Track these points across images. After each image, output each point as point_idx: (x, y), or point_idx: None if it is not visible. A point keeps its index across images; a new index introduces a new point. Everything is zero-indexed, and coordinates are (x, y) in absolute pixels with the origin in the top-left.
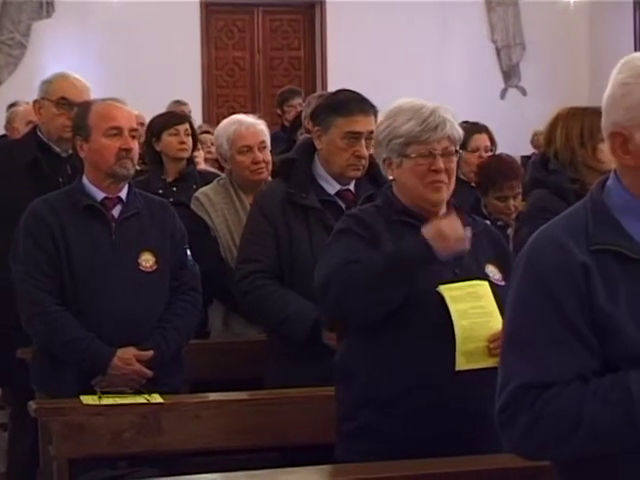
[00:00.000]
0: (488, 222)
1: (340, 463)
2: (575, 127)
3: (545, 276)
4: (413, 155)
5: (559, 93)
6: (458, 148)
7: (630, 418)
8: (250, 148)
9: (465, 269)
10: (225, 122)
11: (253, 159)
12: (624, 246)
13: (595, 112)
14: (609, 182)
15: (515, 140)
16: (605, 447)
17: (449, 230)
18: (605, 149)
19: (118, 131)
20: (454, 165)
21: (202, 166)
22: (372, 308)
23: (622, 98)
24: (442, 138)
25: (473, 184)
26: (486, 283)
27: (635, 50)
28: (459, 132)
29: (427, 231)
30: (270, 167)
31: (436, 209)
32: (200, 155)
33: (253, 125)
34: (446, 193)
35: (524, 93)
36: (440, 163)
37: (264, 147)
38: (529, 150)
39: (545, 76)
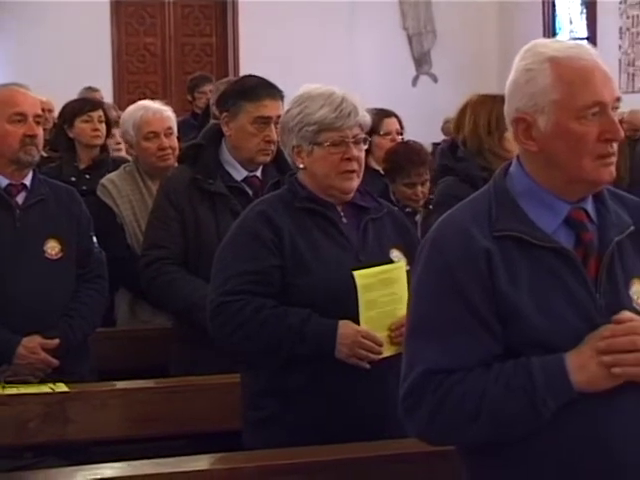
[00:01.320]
0: (396, 209)
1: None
2: (483, 115)
3: (449, 263)
4: (326, 144)
5: (469, 80)
6: (366, 136)
7: (531, 403)
8: (156, 134)
9: (369, 255)
10: (131, 108)
11: (159, 145)
12: (526, 232)
13: (504, 100)
14: (512, 168)
15: (426, 127)
16: (506, 432)
17: (364, 348)
18: (511, 138)
19: (22, 117)
20: (363, 153)
21: (123, 153)
22: (263, 356)
23: (526, 84)
24: (354, 125)
25: (382, 171)
26: (402, 265)
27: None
28: (368, 119)
29: (345, 330)
30: (177, 153)
31: (347, 197)
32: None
33: (159, 111)
34: (357, 181)
35: (435, 80)
36: (353, 151)
37: (170, 133)
38: (440, 137)
39: (456, 63)
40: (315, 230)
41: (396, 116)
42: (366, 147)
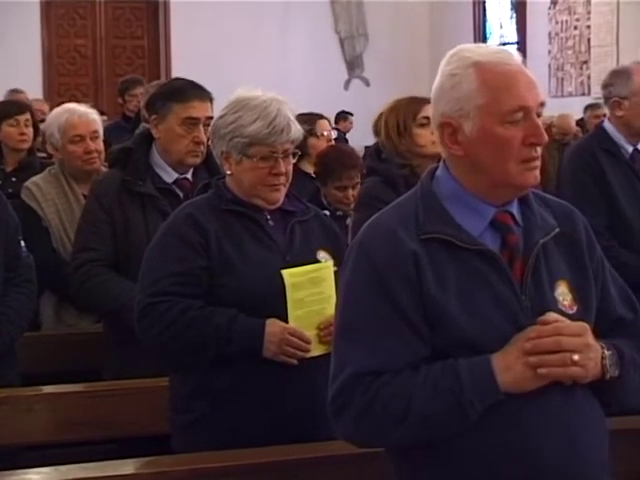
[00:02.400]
0: (327, 212)
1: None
2: (392, 119)
3: (377, 265)
4: (255, 159)
5: (402, 84)
6: (296, 150)
7: (458, 405)
8: (82, 137)
9: (296, 256)
10: (56, 111)
11: (85, 148)
12: (452, 235)
13: (409, 101)
14: (438, 172)
15: (359, 130)
16: (434, 433)
17: (292, 346)
18: (421, 133)
19: None
20: (292, 166)
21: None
22: (191, 357)
23: (451, 89)
24: (286, 141)
25: (313, 174)
26: (330, 264)
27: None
28: (300, 134)
29: (273, 328)
30: (102, 157)
31: (272, 207)
32: None
33: (85, 114)
34: (283, 192)
35: (367, 84)
36: (281, 167)
37: (96, 137)
38: (372, 140)
39: (388, 67)
40: (242, 232)
41: (326, 118)
42: (294, 161)
